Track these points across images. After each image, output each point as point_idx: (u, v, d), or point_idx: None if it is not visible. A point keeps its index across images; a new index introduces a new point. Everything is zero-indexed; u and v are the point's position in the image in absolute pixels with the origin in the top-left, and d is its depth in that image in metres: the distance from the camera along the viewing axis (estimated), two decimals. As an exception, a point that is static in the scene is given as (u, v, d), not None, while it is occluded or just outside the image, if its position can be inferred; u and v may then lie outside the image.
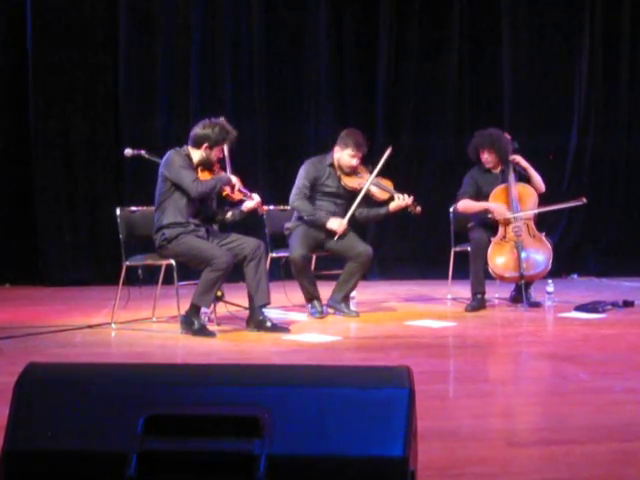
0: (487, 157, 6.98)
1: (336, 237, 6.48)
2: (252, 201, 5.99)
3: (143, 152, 6.25)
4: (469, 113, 9.63)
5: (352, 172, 6.56)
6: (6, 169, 8.69)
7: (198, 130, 5.79)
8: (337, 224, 6.47)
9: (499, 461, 2.99)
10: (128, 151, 6.33)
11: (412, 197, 6.52)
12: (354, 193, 6.56)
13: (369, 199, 6.64)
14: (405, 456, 1.93)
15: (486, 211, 6.89)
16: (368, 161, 6.69)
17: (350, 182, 6.56)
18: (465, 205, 6.98)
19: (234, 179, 5.90)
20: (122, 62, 8.73)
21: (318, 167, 6.61)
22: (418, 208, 6.55)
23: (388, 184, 6.63)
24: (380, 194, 6.59)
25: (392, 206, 6.53)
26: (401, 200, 6.48)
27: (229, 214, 6.02)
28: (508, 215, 6.80)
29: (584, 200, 7.12)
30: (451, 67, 9.57)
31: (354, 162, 6.52)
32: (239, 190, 5.96)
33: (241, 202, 6.02)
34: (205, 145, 5.75)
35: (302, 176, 6.59)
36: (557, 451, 3.07)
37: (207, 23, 9.01)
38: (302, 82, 9.35)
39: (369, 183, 6.51)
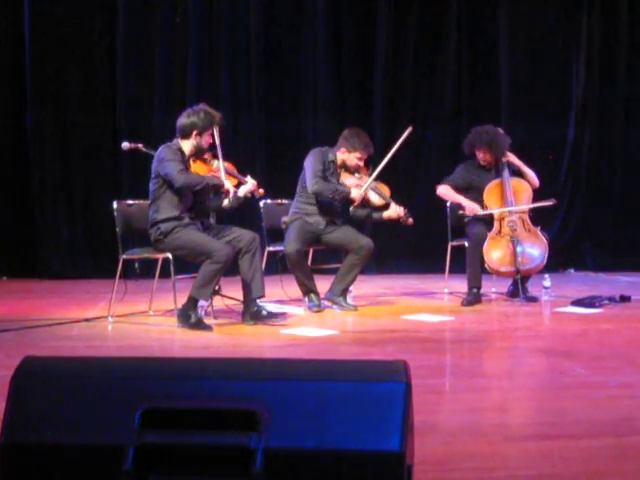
0: (483, 156, 6.99)
1: (352, 207, 6.51)
2: (248, 185, 5.96)
3: (140, 145, 6.25)
4: (467, 106, 9.63)
5: (353, 172, 6.57)
6: (3, 163, 8.68)
7: (184, 120, 5.77)
8: (357, 193, 6.49)
9: (495, 456, 3.00)
10: (125, 144, 6.32)
11: (405, 209, 6.56)
12: None
13: (364, 202, 6.64)
14: (402, 450, 1.93)
15: (458, 205, 6.93)
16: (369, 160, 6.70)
17: (348, 181, 6.57)
18: (443, 192, 7.07)
19: (227, 184, 5.82)
20: (120, 56, 8.72)
21: (323, 158, 6.59)
22: (410, 220, 6.59)
23: (385, 190, 6.64)
24: (376, 199, 6.59)
25: (385, 214, 6.58)
26: (393, 212, 6.54)
27: (225, 201, 5.98)
28: (480, 213, 6.83)
29: (554, 201, 7.12)
30: (449, 61, 9.57)
31: (361, 163, 6.59)
32: (232, 175, 5.92)
33: (237, 187, 5.99)
34: (195, 133, 5.74)
35: (313, 162, 6.53)
36: (553, 446, 3.07)
37: (205, 18, 8.99)
38: (299, 76, 9.34)
39: (367, 185, 6.52)
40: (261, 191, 6.10)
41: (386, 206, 6.60)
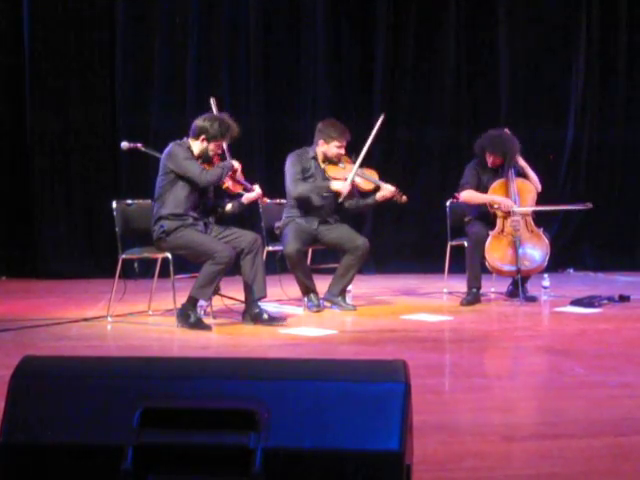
0: (493, 160, 6.92)
1: (341, 198, 6.48)
2: (253, 192, 5.98)
3: (140, 145, 6.25)
4: (466, 106, 9.62)
5: (336, 162, 6.55)
6: (2, 163, 8.68)
7: (198, 122, 5.80)
8: (341, 185, 6.47)
9: (495, 455, 3.00)
10: (125, 144, 6.32)
11: (395, 187, 6.52)
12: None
13: (355, 191, 6.64)
14: (401, 450, 1.93)
15: (491, 203, 6.86)
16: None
17: (334, 173, 6.56)
18: (469, 196, 6.94)
19: (236, 164, 5.89)
20: (119, 55, 8.72)
21: (302, 159, 6.61)
22: (404, 197, 6.54)
23: (372, 174, 6.63)
24: (364, 184, 6.58)
25: (378, 196, 6.52)
26: (386, 191, 6.49)
27: (229, 206, 6.00)
28: (515, 209, 6.78)
29: (590, 205, 7.09)
30: (448, 60, 9.56)
31: (342, 151, 6.55)
32: (239, 182, 5.94)
33: (241, 194, 6.00)
34: (202, 137, 5.75)
35: (290, 167, 6.58)
36: (553, 445, 3.08)
37: (204, 16, 8.99)
38: (299, 76, 9.34)
39: (355, 171, 6.50)
40: (265, 200, 6.14)
41: (377, 189, 6.58)
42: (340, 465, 1.94)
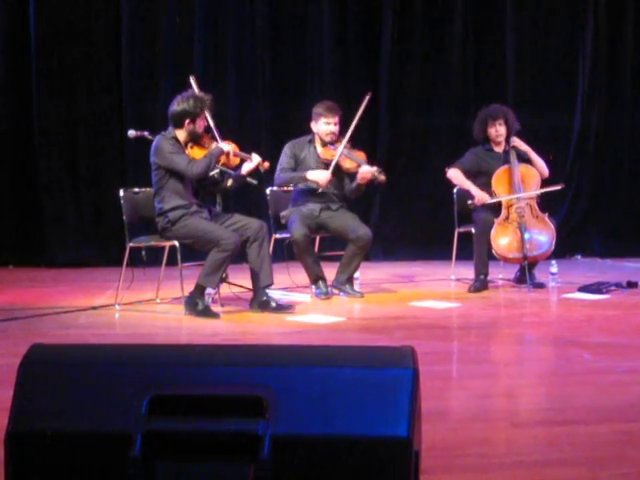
0: (498, 129, 6.95)
1: (320, 188, 6.46)
2: (251, 163, 5.95)
3: (146, 133, 6.23)
4: (473, 93, 9.58)
5: (329, 144, 6.54)
6: (10, 151, 8.68)
7: (175, 108, 5.77)
8: (319, 175, 6.44)
9: (503, 441, 3.00)
10: (131, 132, 6.30)
11: (375, 166, 6.47)
12: (329, 165, 6.54)
13: (341, 171, 6.60)
14: (409, 436, 1.93)
15: (467, 193, 6.91)
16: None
17: (324, 154, 6.56)
18: (454, 175, 7.02)
19: (227, 147, 5.85)
20: (125, 43, 8.70)
21: (297, 145, 6.65)
22: (382, 177, 6.45)
23: (360, 155, 6.61)
24: (347, 163, 6.56)
25: (359, 176, 6.46)
26: (365, 172, 6.42)
27: (230, 182, 5.98)
28: (488, 201, 6.80)
29: (562, 185, 7.15)
30: (455, 47, 9.52)
31: (332, 128, 6.52)
32: (235, 154, 5.91)
33: (241, 166, 5.97)
34: (187, 121, 5.73)
35: (282, 155, 6.67)
36: (560, 432, 3.08)
37: (210, 4, 8.97)
38: (305, 62, 9.32)
39: (340, 151, 6.48)
40: (266, 164, 6.07)
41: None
42: (348, 451, 1.94)
